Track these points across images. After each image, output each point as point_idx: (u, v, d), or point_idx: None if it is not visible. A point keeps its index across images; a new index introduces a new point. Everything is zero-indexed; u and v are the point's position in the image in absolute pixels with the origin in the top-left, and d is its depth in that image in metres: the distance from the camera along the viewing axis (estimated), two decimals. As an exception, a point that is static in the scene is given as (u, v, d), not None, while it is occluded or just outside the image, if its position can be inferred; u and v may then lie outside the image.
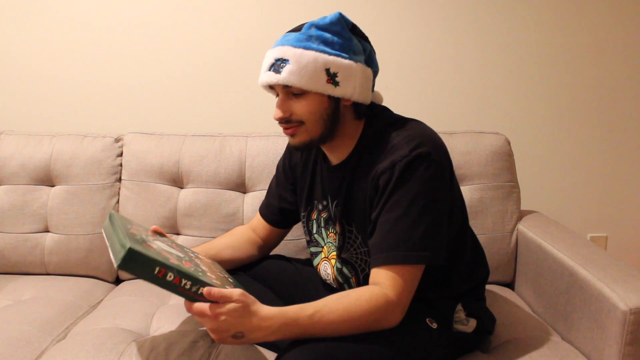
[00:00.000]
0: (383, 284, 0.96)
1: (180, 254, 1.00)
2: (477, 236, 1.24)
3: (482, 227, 1.51)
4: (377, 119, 1.10)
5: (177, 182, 1.59)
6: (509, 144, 1.58)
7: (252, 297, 0.91)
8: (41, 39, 1.78)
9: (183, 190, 1.59)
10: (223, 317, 0.87)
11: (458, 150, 1.53)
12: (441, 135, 1.08)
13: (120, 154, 1.62)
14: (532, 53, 1.79)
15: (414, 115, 1.12)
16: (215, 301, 0.88)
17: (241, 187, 1.59)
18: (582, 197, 1.89)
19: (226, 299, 0.88)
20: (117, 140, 1.64)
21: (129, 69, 1.79)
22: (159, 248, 0.95)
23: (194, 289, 0.89)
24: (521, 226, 1.53)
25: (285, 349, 0.93)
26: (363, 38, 1.08)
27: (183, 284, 0.88)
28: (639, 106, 1.84)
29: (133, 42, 1.78)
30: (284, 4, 1.75)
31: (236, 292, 0.89)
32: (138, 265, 0.85)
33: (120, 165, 1.61)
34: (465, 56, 1.79)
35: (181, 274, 0.88)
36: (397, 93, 1.78)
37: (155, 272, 0.86)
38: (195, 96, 1.81)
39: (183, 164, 1.58)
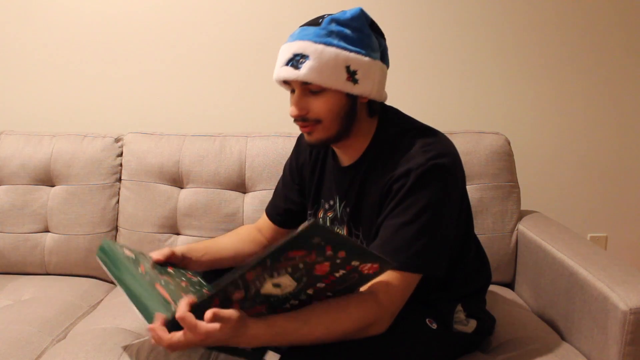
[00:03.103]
0: (376, 287, 0.95)
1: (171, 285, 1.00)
2: (477, 236, 1.24)
3: (482, 227, 1.51)
4: (392, 122, 1.08)
5: (177, 182, 1.59)
6: (509, 144, 1.58)
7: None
8: (41, 38, 1.78)
9: (183, 190, 1.59)
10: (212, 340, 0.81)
11: (458, 150, 1.51)
12: (441, 135, 1.07)
13: (120, 154, 1.62)
14: (532, 53, 1.79)
15: (414, 115, 1.12)
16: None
17: (241, 187, 1.59)
18: (582, 197, 1.88)
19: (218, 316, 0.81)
20: (117, 140, 1.64)
21: (129, 69, 1.79)
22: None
23: None
24: (521, 226, 1.53)
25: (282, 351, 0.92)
26: (380, 34, 1.06)
27: None
28: (639, 106, 1.84)
29: (133, 42, 1.78)
30: (284, 3, 1.75)
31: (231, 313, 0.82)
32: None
33: (120, 165, 1.61)
34: (466, 56, 1.79)
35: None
36: (397, 93, 1.77)
37: None
38: (195, 96, 1.81)
39: (183, 164, 1.58)
